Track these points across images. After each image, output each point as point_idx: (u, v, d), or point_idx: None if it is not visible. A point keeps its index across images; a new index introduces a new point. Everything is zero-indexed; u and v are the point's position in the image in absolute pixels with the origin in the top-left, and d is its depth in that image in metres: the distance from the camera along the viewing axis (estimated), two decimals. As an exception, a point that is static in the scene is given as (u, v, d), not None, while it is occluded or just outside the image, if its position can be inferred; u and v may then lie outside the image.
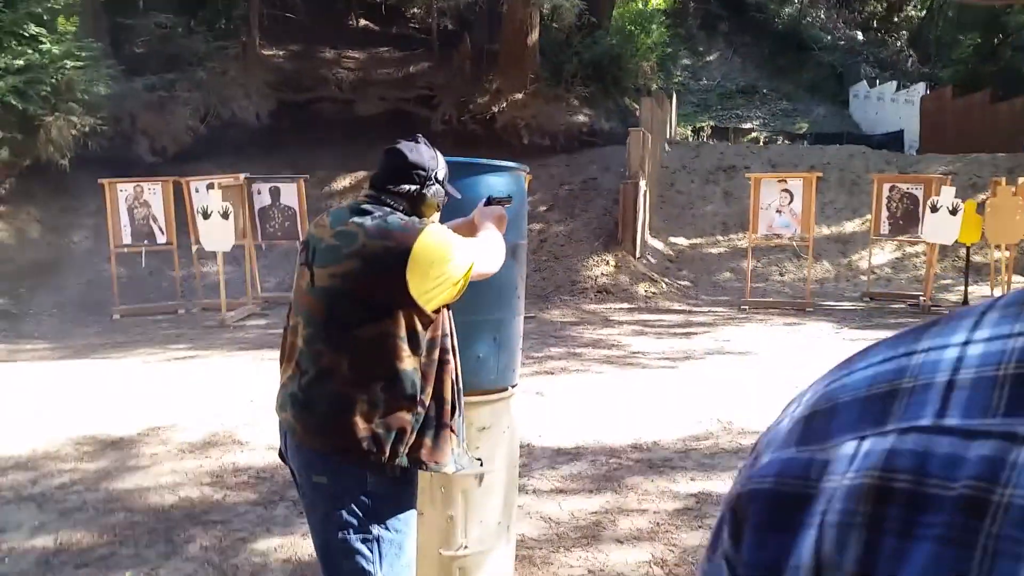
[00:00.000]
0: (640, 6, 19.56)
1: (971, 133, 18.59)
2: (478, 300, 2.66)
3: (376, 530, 1.88)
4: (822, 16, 28.89)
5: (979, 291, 10.94)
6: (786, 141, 23.44)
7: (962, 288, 10.39)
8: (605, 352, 7.48)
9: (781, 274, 12.24)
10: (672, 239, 13.31)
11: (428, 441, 1.93)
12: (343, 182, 14.19)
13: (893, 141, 22.19)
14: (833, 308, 10.18)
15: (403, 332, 1.88)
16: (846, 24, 29.02)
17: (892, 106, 23.85)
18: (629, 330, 8.68)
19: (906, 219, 10.43)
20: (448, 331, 2.01)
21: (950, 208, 9.60)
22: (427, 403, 1.93)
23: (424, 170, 2.03)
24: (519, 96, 14.48)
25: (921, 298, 10.21)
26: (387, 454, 1.86)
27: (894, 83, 24.32)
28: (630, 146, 11.84)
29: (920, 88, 22.82)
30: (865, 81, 25.96)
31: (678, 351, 7.48)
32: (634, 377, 6.45)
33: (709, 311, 10.03)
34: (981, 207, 9.92)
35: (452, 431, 2.00)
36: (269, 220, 10.83)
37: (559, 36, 15.84)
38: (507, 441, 2.90)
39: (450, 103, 14.80)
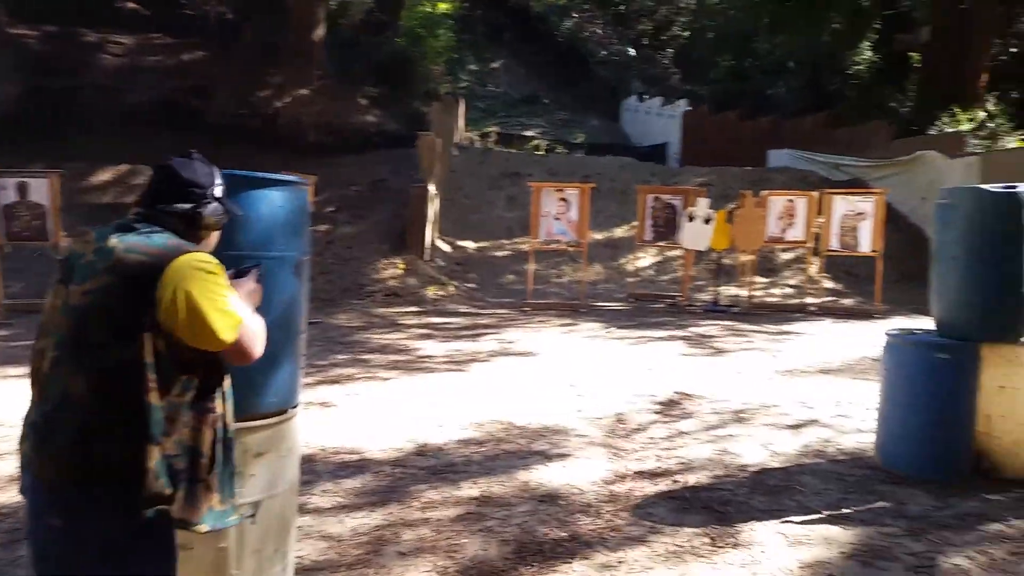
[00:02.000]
0: (428, 9, 19.71)
1: (724, 148, 20.68)
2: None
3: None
4: (599, 31, 30.73)
5: (727, 291, 12.24)
6: (564, 150, 24.71)
7: (713, 288, 11.55)
8: (392, 357, 7.48)
9: (559, 277, 12.91)
10: (460, 242, 13.57)
11: (179, 494, 1.74)
12: (103, 176, 12.98)
13: (658, 152, 24.12)
14: (603, 308, 10.92)
15: (150, 360, 1.71)
16: (620, 40, 31.08)
17: (658, 120, 25.87)
18: (417, 334, 8.75)
19: (667, 227, 11.41)
20: (219, 375, 1.84)
21: (704, 218, 10.65)
22: (174, 452, 1.74)
23: (200, 187, 1.90)
24: (304, 92, 14.06)
25: (678, 298, 11.24)
26: (132, 497, 1.68)
27: (660, 98, 26.43)
28: (420, 150, 11.92)
29: (682, 104, 24.98)
30: (635, 96, 27.97)
31: (464, 354, 7.66)
32: (421, 382, 6.51)
33: (494, 313, 10.35)
34: (731, 216, 11.07)
35: (208, 487, 1.80)
36: (15, 218, 9.67)
37: (347, 34, 15.58)
38: (287, 465, 2.82)
39: (227, 96, 14.04)
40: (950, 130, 14.11)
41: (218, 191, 1.95)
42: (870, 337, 8.54)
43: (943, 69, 15.59)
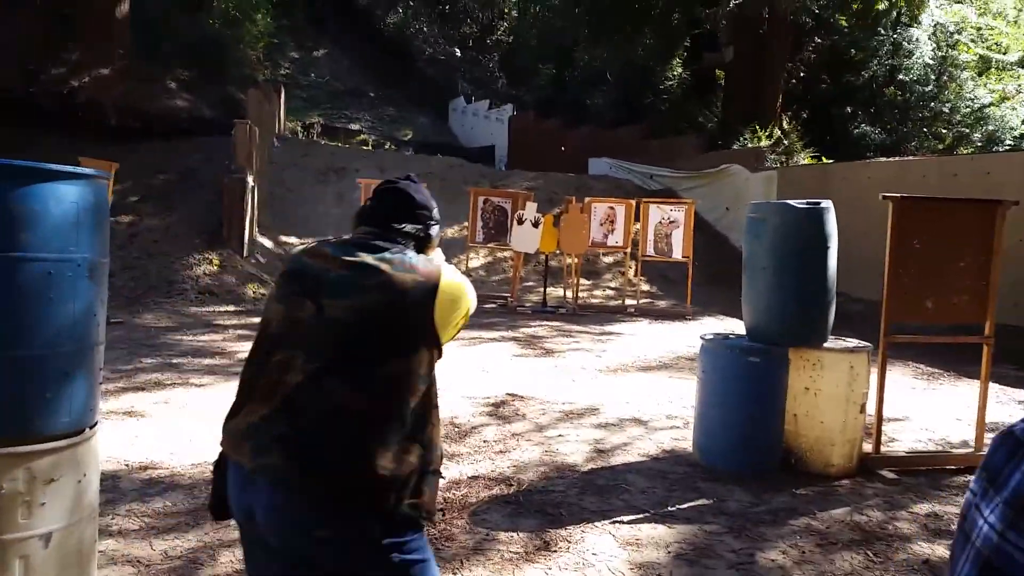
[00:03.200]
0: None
1: (549, 153, 21.28)
2: (45, 328, 2.22)
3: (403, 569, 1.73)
4: (425, 29, 30.58)
5: (555, 291, 12.56)
6: (393, 147, 24.38)
7: (541, 289, 11.79)
8: (208, 361, 6.96)
9: (388, 276, 12.65)
10: (283, 238, 12.94)
11: (426, 488, 1.78)
12: None
13: (486, 155, 24.43)
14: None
15: (423, 370, 1.80)
16: (446, 40, 31.12)
17: (485, 122, 26.19)
18: (236, 335, 8.21)
19: (497, 228, 11.52)
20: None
21: (532, 221, 10.84)
22: (424, 446, 1.79)
23: (428, 210, 2.01)
24: (105, 72, 12.82)
25: (508, 298, 11.37)
26: (392, 501, 1.71)
27: (487, 101, 26.76)
28: (236, 138, 11.21)
29: (508, 108, 25.44)
30: (463, 96, 28.13)
31: (287, 358, 7.26)
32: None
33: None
34: (557, 220, 11.34)
35: (440, 478, 1.87)
36: None
37: (154, 12, 14.39)
38: (84, 490, 2.48)
39: (11, 71, 12.51)
40: (751, 145, 15.32)
41: (438, 213, 2.06)
42: (684, 337, 9.07)
43: (744, 88, 16.93)
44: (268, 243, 12.27)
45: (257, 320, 8.03)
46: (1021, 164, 9.61)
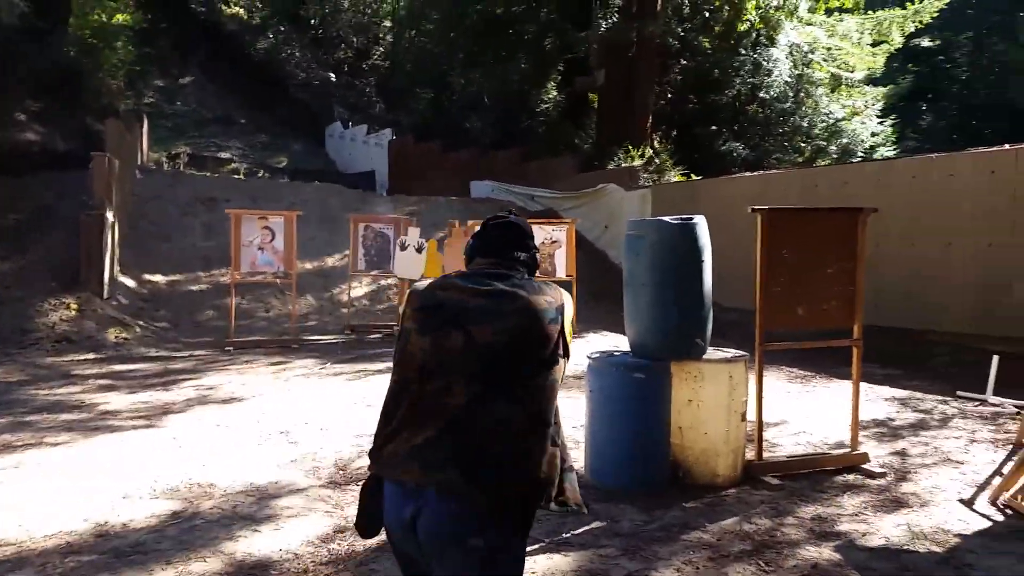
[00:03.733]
0: (103, 19, 17.64)
1: (430, 177, 21.17)
2: None
3: (520, 562, 1.99)
4: (297, 54, 29.93)
5: (441, 318, 12.38)
6: (267, 174, 23.61)
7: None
8: (65, 416, 6.38)
9: (267, 311, 12.15)
10: (147, 276, 12.19)
11: (567, 484, 2.08)
12: None
13: (366, 180, 24.05)
14: (317, 343, 10.44)
15: (561, 378, 2.06)
16: (320, 65, 30.55)
17: (364, 147, 25.83)
18: (97, 385, 7.60)
19: (380, 256, 11.27)
20: None
21: (416, 247, 10.67)
22: (560, 446, 2.05)
23: (532, 239, 2.28)
24: (-61, 104, 11.77)
25: (395, 327, 11.12)
26: (545, 501, 2.02)
27: (365, 126, 26.41)
28: (93, 172, 10.50)
29: (388, 133, 25.20)
30: (339, 122, 27.67)
31: (155, 406, 6.78)
32: (101, 444, 5.60)
33: (190, 355, 9.39)
34: (441, 245, 11.21)
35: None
36: None
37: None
38: None
39: None
40: (625, 165, 15.73)
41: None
42: (572, 355, 9.08)
43: (616, 110, 17.41)
44: (130, 283, 11.51)
45: (121, 368, 7.46)
46: (874, 173, 10.27)
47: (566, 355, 2.07)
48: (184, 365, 8.73)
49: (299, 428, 6.12)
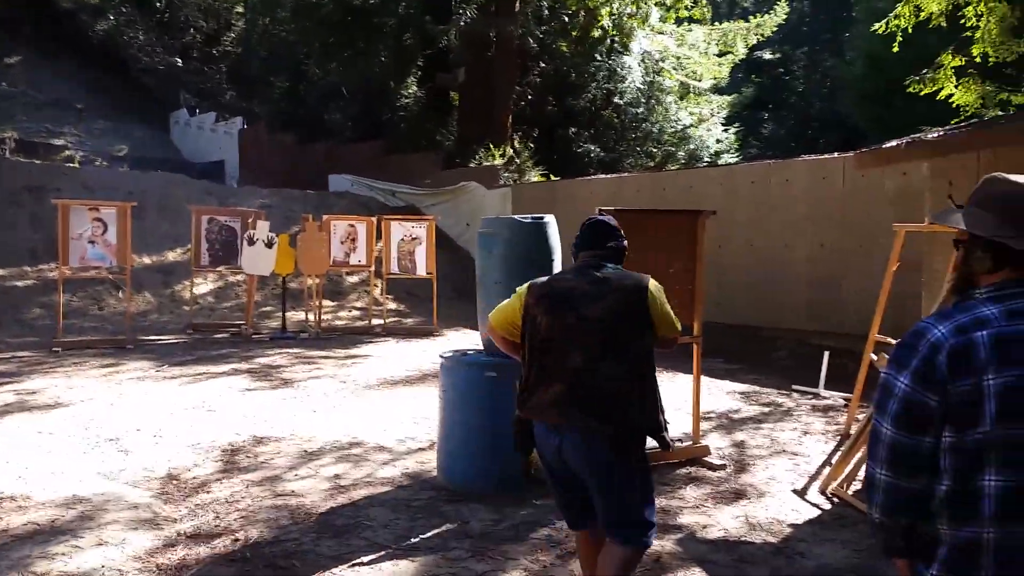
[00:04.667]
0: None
1: (285, 169, 20.39)
2: None
3: (641, 470, 2.84)
4: (140, 37, 28.00)
5: (296, 316, 11.94)
6: (105, 163, 21.95)
7: (280, 314, 11.13)
8: None
9: (100, 308, 11.25)
10: (-39, 271, 11.00)
11: (665, 423, 2.90)
12: None
13: (215, 170, 22.85)
14: (156, 343, 9.77)
15: (650, 344, 2.84)
16: (165, 49, 28.74)
17: (213, 136, 24.54)
18: None
19: (226, 250, 10.69)
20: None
21: (265, 241, 10.20)
22: (658, 395, 2.87)
23: (619, 231, 2.99)
24: None
25: (243, 326, 10.60)
26: (662, 426, 2.88)
27: (214, 114, 25.08)
28: None
29: (238, 122, 24.04)
30: (185, 109, 26.15)
31: (-37, 414, 6.08)
32: None
33: (13, 356, 8.54)
34: (293, 240, 10.77)
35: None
36: None
37: None
38: None
39: None
40: (486, 164, 15.78)
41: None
42: (430, 355, 8.99)
43: (477, 108, 17.43)
44: (-58, 278, 10.35)
45: None
46: (717, 178, 10.80)
47: (650, 326, 2.80)
48: (5, 368, 7.91)
49: (130, 435, 5.67)
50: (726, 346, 9.76)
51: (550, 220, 4.75)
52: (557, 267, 4.73)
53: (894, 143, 5.75)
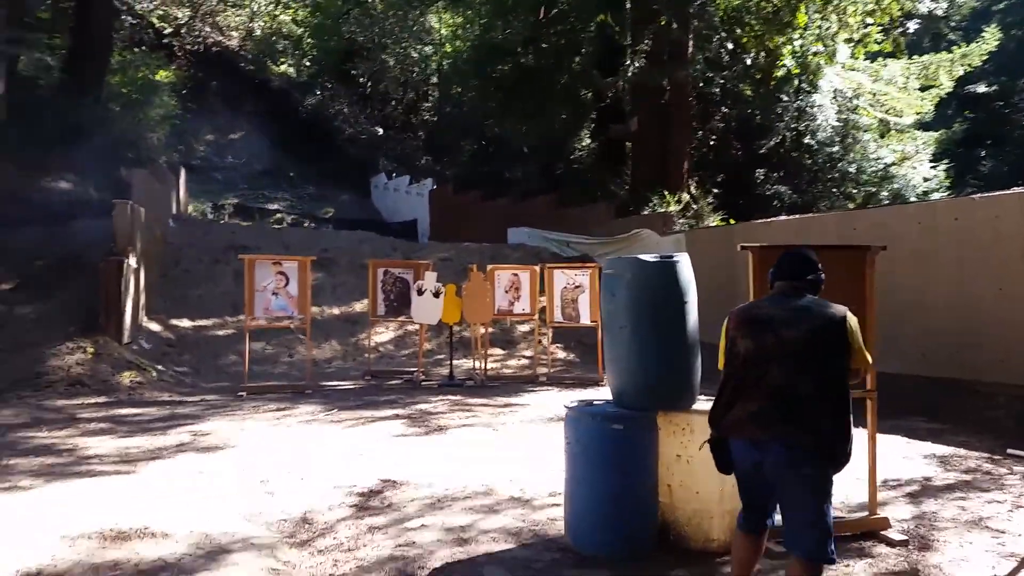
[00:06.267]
0: (148, 75, 18.28)
1: (470, 225, 21.12)
2: None
3: (830, 483, 3.04)
4: (345, 110, 30.59)
5: (465, 364, 12.08)
6: (313, 224, 23.92)
7: (449, 362, 11.27)
8: (47, 460, 6.22)
9: (291, 356, 12.02)
10: (174, 321, 12.24)
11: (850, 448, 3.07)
12: None
13: (409, 229, 24.22)
14: (334, 389, 10.20)
15: (848, 366, 3.09)
16: (367, 120, 31.16)
17: (407, 197, 26.05)
18: (94, 428, 7.45)
19: (400, 301, 11.06)
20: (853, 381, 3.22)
21: (433, 291, 10.43)
22: (852, 412, 3.05)
23: (817, 264, 3.24)
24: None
25: (415, 373, 10.85)
26: (841, 440, 3.02)
27: (408, 177, 26.67)
28: (116, 219, 10.62)
29: (429, 183, 25.37)
30: (384, 173, 28.03)
31: (142, 451, 6.57)
32: (70, 489, 5.38)
33: (202, 400, 9.24)
34: (460, 290, 10.93)
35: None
36: None
37: (35, 96, 13.84)
38: None
39: None
40: (660, 210, 15.35)
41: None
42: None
43: (651, 157, 17.10)
44: (156, 327, 11.55)
45: (126, 412, 7.15)
46: (915, 215, 9.67)
47: (848, 352, 3.07)
48: (191, 410, 8.56)
49: (280, 477, 5.82)
50: (931, 403, 8.57)
51: (682, 259, 4.34)
52: (692, 310, 4.30)
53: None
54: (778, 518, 3.28)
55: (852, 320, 3.08)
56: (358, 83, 31.70)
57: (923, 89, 20.69)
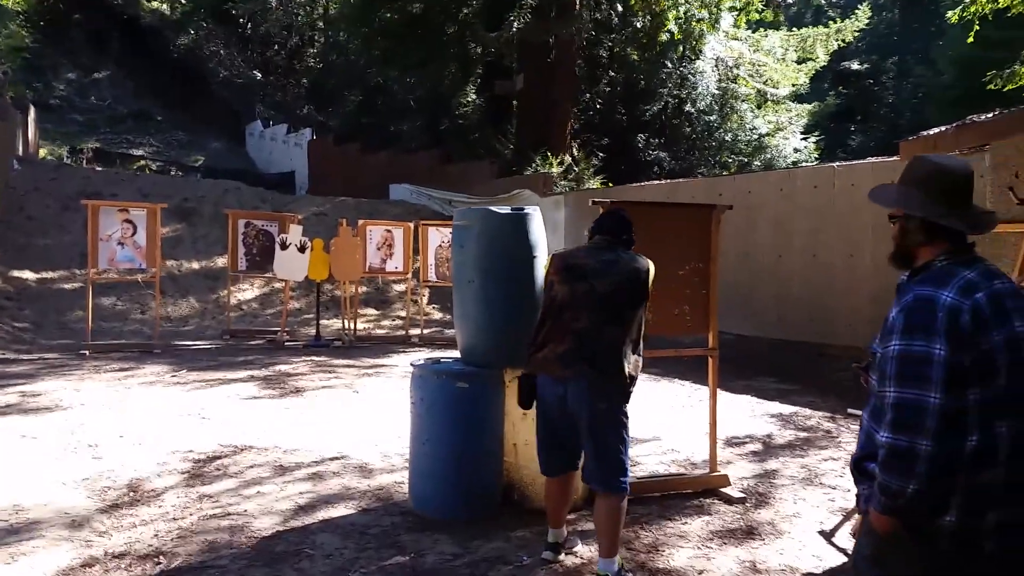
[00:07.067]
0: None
1: (349, 178, 20.42)
2: None
3: (624, 420, 3.35)
4: (221, 52, 28.83)
5: (336, 324, 11.69)
6: (180, 173, 22.55)
7: (317, 322, 10.86)
8: None
9: (143, 312, 11.27)
10: (14, 273, 11.23)
11: (636, 373, 3.40)
12: None
13: (286, 181, 23.17)
14: (186, 348, 9.63)
15: (644, 315, 3.41)
16: (246, 63, 29.49)
17: (284, 148, 24.93)
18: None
19: (264, 256, 10.51)
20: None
21: (298, 245, 9.97)
22: (639, 354, 3.43)
23: (631, 226, 3.56)
24: None
25: (279, 332, 10.39)
26: (634, 379, 3.35)
27: (285, 125, 25.49)
28: (-60, 158, 9.54)
29: (307, 133, 24.33)
30: (260, 121, 26.68)
31: (-40, 414, 5.95)
32: None
33: (40, 358, 8.52)
34: (328, 246, 10.48)
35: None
36: None
37: None
38: None
39: None
40: (543, 171, 15.28)
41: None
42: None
43: (535, 116, 16.96)
44: (-9, 279, 10.55)
45: None
46: (776, 182, 9.98)
47: (647, 300, 3.37)
48: (24, 369, 7.86)
49: (110, 441, 5.39)
50: (784, 365, 8.94)
51: (534, 212, 4.21)
52: (540, 266, 4.18)
53: (942, 128, 4.95)
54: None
55: (652, 270, 3.40)
56: (237, 24, 29.91)
57: (800, 62, 21.41)
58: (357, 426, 6.04)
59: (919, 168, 2.04)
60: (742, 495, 4.59)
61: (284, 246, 9.91)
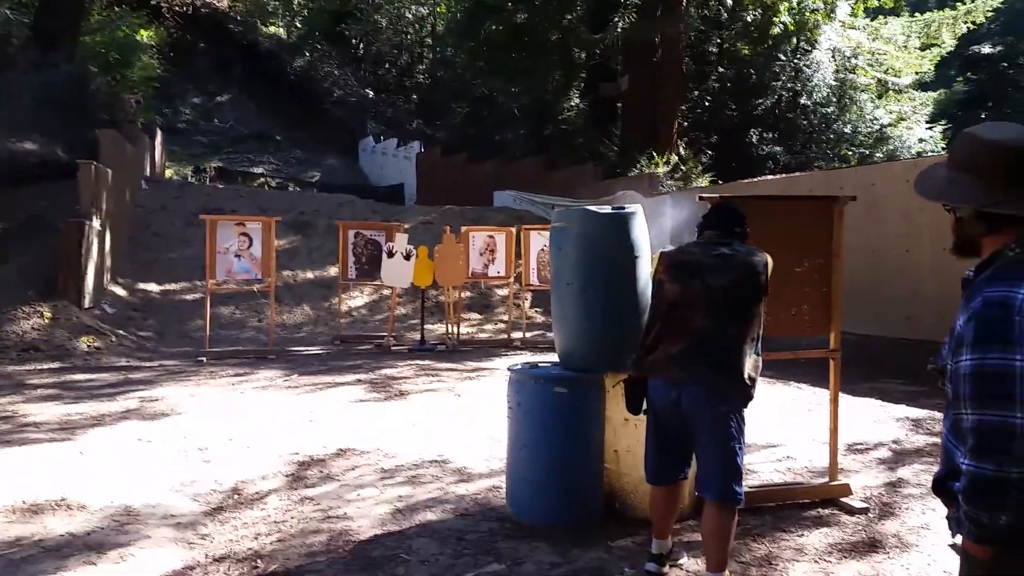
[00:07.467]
0: (127, 34, 17.71)
1: (455, 188, 20.68)
2: None
3: (742, 425, 3.12)
4: (336, 72, 29.94)
5: (439, 329, 11.78)
6: (297, 188, 23.50)
7: (422, 327, 10.96)
8: (-17, 428, 5.93)
9: (259, 320, 11.71)
10: (141, 286, 11.91)
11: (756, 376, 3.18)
12: None
13: (396, 193, 23.78)
14: (298, 354, 9.91)
15: (763, 310, 3.18)
16: (358, 82, 30.51)
17: (394, 161, 25.57)
18: (40, 395, 7.16)
19: (372, 264, 10.72)
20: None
21: (404, 253, 10.09)
22: (759, 354, 3.20)
23: (744, 218, 3.33)
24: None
25: (385, 337, 10.55)
26: (754, 381, 3.11)
27: (395, 140, 26.14)
28: (80, 180, 10.25)
29: (416, 146, 24.86)
30: (371, 136, 27.49)
31: (87, 417, 6.29)
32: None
33: (159, 365, 8.95)
34: (432, 252, 10.57)
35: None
36: None
37: (8, 51, 13.39)
38: None
39: None
40: (648, 171, 14.94)
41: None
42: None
43: (641, 117, 16.61)
44: (121, 292, 11.23)
45: (78, 378, 6.73)
46: (900, 173, 9.29)
47: (767, 293, 3.15)
48: (145, 376, 8.27)
49: (219, 445, 5.54)
50: (912, 366, 8.27)
51: (635, 211, 4.00)
52: (644, 266, 3.97)
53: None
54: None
55: (771, 264, 3.20)
56: (350, 45, 31.00)
57: (924, 48, 20.10)
58: (457, 429, 5.98)
59: (965, 146, 1.69)
60: (865, 505, 4.21)
61: (390, 254, 10.06)
